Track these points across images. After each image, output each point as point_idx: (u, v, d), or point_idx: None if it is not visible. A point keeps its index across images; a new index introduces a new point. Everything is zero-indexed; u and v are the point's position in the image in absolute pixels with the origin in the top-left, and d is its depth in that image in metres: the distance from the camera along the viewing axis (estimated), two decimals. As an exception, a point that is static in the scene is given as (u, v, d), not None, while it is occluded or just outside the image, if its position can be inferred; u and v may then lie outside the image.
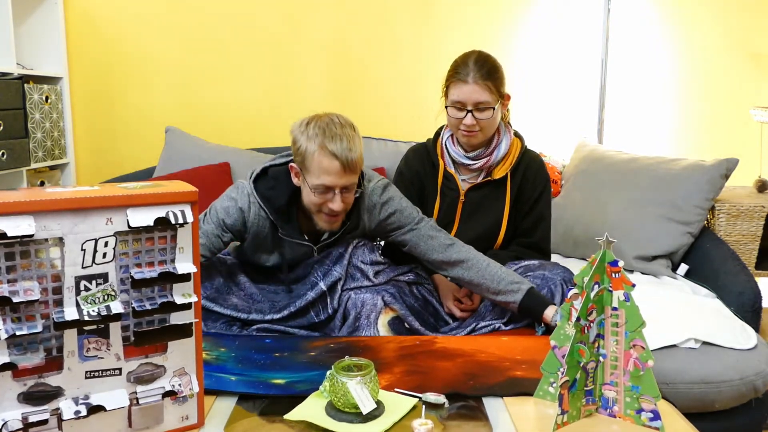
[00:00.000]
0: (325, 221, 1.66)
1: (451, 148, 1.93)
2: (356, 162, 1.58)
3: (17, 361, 0.96)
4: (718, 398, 1.68)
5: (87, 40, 3.00)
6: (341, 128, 1.58)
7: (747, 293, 1.94)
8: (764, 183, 2.71)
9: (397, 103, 3.04)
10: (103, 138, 3.08)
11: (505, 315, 1.69)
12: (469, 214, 1.93)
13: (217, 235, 1.67)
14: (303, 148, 1.58)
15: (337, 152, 1.55)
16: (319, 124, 1.59)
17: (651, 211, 2.33)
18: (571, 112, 3.04)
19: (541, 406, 1.23)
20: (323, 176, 1.57)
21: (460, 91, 1.81)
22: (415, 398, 1.23)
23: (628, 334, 1.15)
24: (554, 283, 1.67)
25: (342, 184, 1.58)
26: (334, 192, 1.59)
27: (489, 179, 1.91)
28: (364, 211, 1.72)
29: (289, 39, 3.01)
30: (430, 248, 1.70)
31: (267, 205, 1.67)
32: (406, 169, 2.00)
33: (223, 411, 1.21)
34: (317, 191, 1.59)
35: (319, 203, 1.62)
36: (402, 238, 1.74)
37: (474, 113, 1.81)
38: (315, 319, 1.68)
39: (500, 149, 1.89)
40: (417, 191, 1.96)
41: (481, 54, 1.86)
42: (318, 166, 1.57)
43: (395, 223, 1.73)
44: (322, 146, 1.55)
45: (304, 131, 1.59)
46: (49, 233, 0.95)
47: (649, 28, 2.99)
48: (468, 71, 1.81)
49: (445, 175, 1.94)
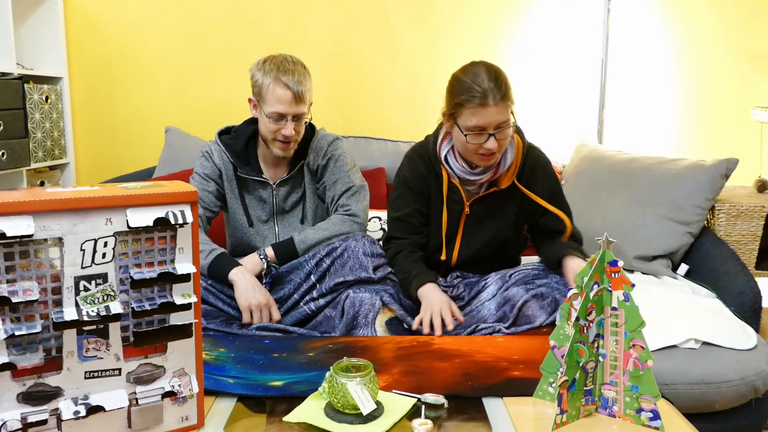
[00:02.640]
0: (279, 148, 1.87)
1: (454, 165, 1.81)
2: (305, 93, 1.81)
3: (16, 361, 0.96)
4: (718, 398, 1.68)
5: (87, 40, 3.00)
6: (293, 65, 1.83)
7: (747, 293, 1.94)
8: (764, 183, 2.71)
9: (397, 104, 3.04)
10: (103, 138, 3.08)
11: (506, 320, 1.69)
12: (473, 226, 1.87)
13: (203, 189, 1.92)
14: (260, 81, 1.83)
15: (290, 84, 1.79)
16: (274, 61, 1.83)
17: (651, 211, 2.33)
18: (571, 112, 3.03)
19: (541, 406, 1.23)
20: (277, 105, 1.80)
21: (481, 116, 1.65)
22: (413, 399, 1.23)
23: (627, 334, 1.15)
24: (560, 292, 1.68)
25: (293, 112, 1.81)
26: (286, 119, 1.81)
27: (495, 189, 1.83)
28: (311, 150, 1.95)
29: (289, 39, 3.01)
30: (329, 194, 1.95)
31: (228, 149, 1.94)
32: (411, 174, 1.88)
33: (222, 411, 1.21)
34: (272, 119, 1.82)
35: (274, 130, 1.84)
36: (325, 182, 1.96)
37: (496, 136, 1.67)
38: (308, 311, 1.73)
39: (507, 160, 1.79)
40: (426, 198, 1.88)
41: (490, 69, 1.69)
42: (272, 96, 1.80)
43: (330, 172, 1.94)
44: (276, 78, 1.80)
45: (261, 67, 1.84)
46: (48, 233, 0.95)
47: (649, 28, 2.98)
48: (486, 92, 1.64)
49: (450, 186, 1.85)
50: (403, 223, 1.88)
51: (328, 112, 3.03)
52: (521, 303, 1.67)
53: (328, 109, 3.04)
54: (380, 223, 2.39)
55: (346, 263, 1.73)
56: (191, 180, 1.96)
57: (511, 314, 1.68)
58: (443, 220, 1.86)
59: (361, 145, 2.75)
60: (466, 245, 1.88)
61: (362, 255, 1.74)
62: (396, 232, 1.89)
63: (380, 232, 2.37)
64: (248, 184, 1.95)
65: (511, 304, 1.69)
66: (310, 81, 1.85)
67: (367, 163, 2.65)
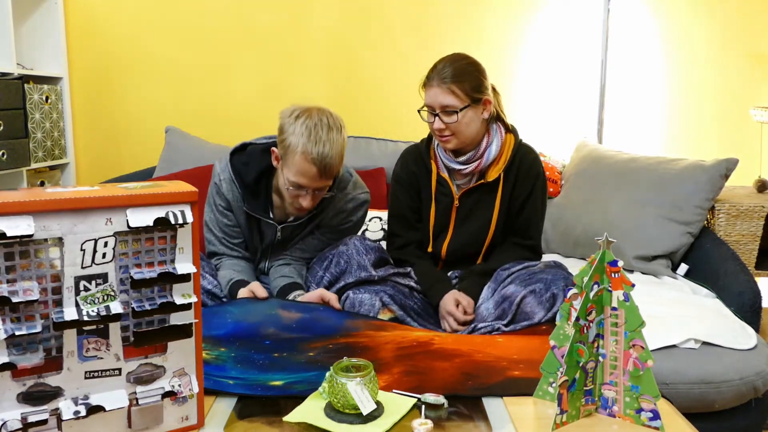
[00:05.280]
0: (294, 210, 1.76)
1: (441, 154, 1.89)
2: (333, 168, 1.65)
3: (16, 361, 0.95)
4: (718, 398, 1.68)
5: (87, 40, 3.00)
6: (328, 132, 1.63)
7: (747, 293, 1.94)
8: (764, 183, 2.71)
9: (397, 103, 3.04)
10: (103, 138, 3.08)
11: (505, 317, 1.69)
12: (463, 219, 1.90)
13: (225, 223, 1.82)
14: (287, 142, 1.64)
15: (317, 159, 1.61)
16: (307, 123, 1.63)
17: (651, 211, 2.33)
18: (571, 112, 3.03)
19: (541, 405, 1.23)
20: (299, 176, 1.65)
21: (427, 94, 1.79)
22: (413, 399, 1.23)
23: (627, 334, 1.15)
24: (557, 287, 1.67)
25: (315, 186, 1.67)
26: (306, 191, 1.68)
27: (482, 182, 1.86)
28: (332, 209, 1.83)
29: (289, 39, 3.01)
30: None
31: (237, 178, 1.79)
32: (402, 172, 1.95)
33: (222, 411, 1.21)
34: (291, 186, 1.68)
35: (292, 196, 1.71)
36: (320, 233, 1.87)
37: (441, 116, 1.77)
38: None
39: (491, 151, 1.84)
40: (416, 193, 1.94)
41: (454, 56, 1.81)
42: (296, 166, 1.64)
43: (334, 230, 1.86)
44: (304, 150, 1.62)
45: (292, 124, 1.65)
46: (48, 233, 0.95)
47: (649, 28, 2.98)
48: (433, 75, 1.78)
49: (439, 179, 1.90)
50: (399, 218, 1.95)
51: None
52: (519, 299, 1.67)
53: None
54: (380, 224, 2.40)
55: (345, 270, 1.76)
56: (207, 206, 1.86)
57: (509, 311, 1.68)
58: (431, 213, 1.90)
59: (361, 145, 2.75)
60: (455, 237, 1.89)
61: (357, 256, 1.75)
62: (394, 227, 1.96)
63: (381, 232, 2.38)
64: (255, 219, 1.85)
65: (509, 301, 1.69)
66: (342, 148, 1.68)
67: (367, 163, 2.65)
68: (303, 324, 1.61)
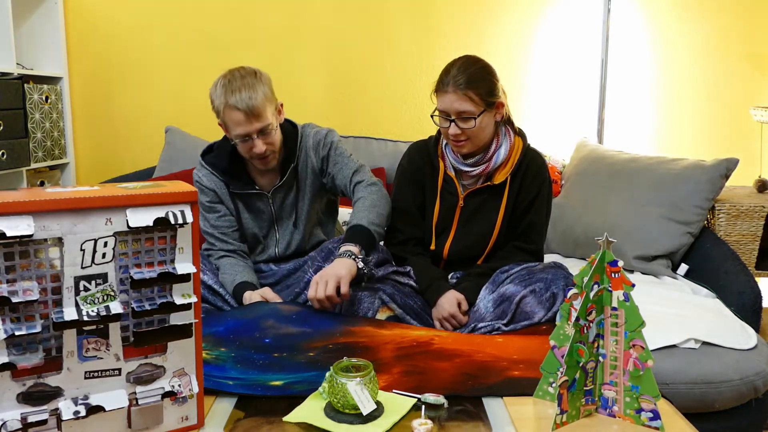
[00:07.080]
0: (260, 164, 1.82)
1: (450, 154, 1.89)
2: (258, 107, 1.71)
3: (16, 361, 0.95)
4: (718, 398, 1.68)
5: (87, 40, 3.00)
6: (241, 79, 1.72)
7: (747, 293, 1.94)
8: (764, 183, 2.71)
9: (397, 104, 3.04)
10: (103, 138, 3.08)
11: (504, 317, 1.69)
12: (467, 219, 1.89)
13: (215, 219, 1.87)
14: (215, 107, 1.76)
15: (239, 104, 1.70)
16: (222, 81, 1.74)
17: (651, 211, 2.33)
18: (571, 112, 3.04)
19: (541, 406, 1.23)
20: (235, 127, 1.74)
21: (441, 100, 1.77)
22: (413, 399, 1.23)
23: (627, 334, 1.15)
24: (557, 286, 1.67)
25: (254, 129, 1.73)
26: (251, 138, 1.74)
27: (488, 184, 1.86)
28: (310, 149, 1.89)
29: (288, 39, 3.01)
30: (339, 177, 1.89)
31: (214, 169, 1.88)
32: (408, 165, 1.95)
33: (222, 411, 1.21)
34: (238, 141, 1.76)
35: (245, 150, 1.78)
36: (331, 171, 1.89)
37: (458, 122, 1.75)
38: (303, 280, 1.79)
39: (499, 154, 1.84)
40: (420, 188, 1.93)
41: (466, 60, 1.79)
42: (229, 121, 1.74)
43: (333, 161, 1.88)
44: (225, 103, 1.71)
45: (213, 91, 1.75)
46: (48, 233, 0.95)
47: (649, 28, 2.99)
48: (448, 80, 1.75)
49: (445, 178, 1.89)
50: (402, 213, 1.93)
51: (328, 112, 3.03)
52: (519, 298, 1.67)
53: (328, 109, 3.04)
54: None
55: None
56: (201, 215, 1.88)
57: (509, 310, 1.68)
58: (435, 210, 1.90)
59: (361, 145, 2.75)
60: (458, 238, 1.88)
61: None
62: (395, 222, 1.94)
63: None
64: (244, 198, 1.90)
65: (509, 301, 1.69)
66: (264, 88, 1.74)
67: (367, 163, 2.64)
68: (302, 317, 1.62)
